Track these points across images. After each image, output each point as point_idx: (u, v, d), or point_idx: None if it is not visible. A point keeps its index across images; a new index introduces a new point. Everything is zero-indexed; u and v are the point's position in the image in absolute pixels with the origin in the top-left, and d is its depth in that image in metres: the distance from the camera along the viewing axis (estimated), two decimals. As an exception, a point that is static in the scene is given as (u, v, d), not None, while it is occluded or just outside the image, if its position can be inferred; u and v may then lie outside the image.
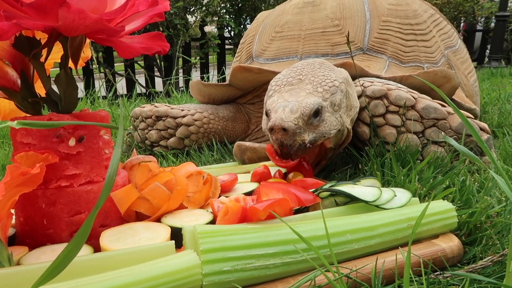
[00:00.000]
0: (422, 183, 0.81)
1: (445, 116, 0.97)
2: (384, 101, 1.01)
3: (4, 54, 0.64)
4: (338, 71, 0.98)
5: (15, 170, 0.54)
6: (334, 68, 0.99)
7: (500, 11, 5.02)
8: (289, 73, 0.97)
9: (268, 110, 0.89)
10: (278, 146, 0.84)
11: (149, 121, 1.34)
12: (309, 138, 0.84)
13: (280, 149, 0.85)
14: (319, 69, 0.95)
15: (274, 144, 0.85)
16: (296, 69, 0.98)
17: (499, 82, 3.12)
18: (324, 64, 0.98)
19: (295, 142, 0.82)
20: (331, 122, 0.88)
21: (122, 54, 0.60)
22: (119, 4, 0.57)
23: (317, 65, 0.97)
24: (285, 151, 0.84)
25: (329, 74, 0.94)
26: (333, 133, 0.89)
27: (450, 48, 1.40)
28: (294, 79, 0.94)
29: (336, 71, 0.97)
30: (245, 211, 0.62)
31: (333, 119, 0.89)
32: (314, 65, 0.97)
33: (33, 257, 0.56)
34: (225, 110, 1.39)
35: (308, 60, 1.01)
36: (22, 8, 0.51)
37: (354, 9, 1.30)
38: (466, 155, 0.50)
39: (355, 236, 0.59)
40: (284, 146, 0.83)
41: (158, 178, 0.72)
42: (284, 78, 0.96)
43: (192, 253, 0.51)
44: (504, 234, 0.67)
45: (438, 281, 0.56)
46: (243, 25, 4.15)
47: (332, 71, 0.96)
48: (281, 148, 0.85)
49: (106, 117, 0.68)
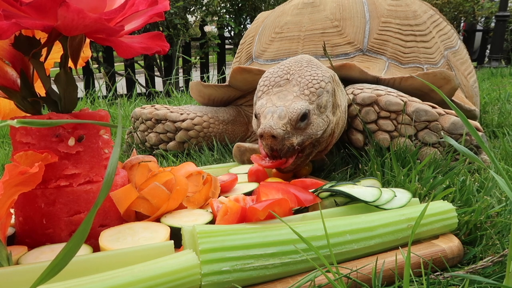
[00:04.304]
0: (422, 183, 0.81)
1: (436, 117, 0.98)
2: (374, 107, 1.02)
3: (4, 53, 0.64)
4: (325, 69, 0.99)
5: (14, 169, 0.54)
6: (321, 65, 0.99)
7: (500, 11, 5.03)
8: (277, 71, 0.98)
9: (257, 114, 0.92)
10: (268, 150, 0.89)
11: (149, 123, 1.33)
12: (297, 141, 0.88)
13: (270, 152, 0.90)
14: (306, 68, 0.96)
15: (265, 148, 0.90)
16: (283, 67, 0.99)
17: (499, 82, 3.12)
18: (311, 61, 0.99)
19: (284, 146, 0.87)
20: (318, 124, 0.92)
21: (121, 54, 0.60)
22: (119, 3, 0.57)
23: (304, 63, 0.98)
24: (275, 154, 0.89)
25: (315, 73, 0.95)
26: (320, 134, 0.92)
27: (450, 49, 1.40)
28: (281, 79, 0.96)
29: (323, 69, 0.97)
30: (245, 211, 0.62)
31: (319, 121, 0.92)
32: (301, 63, 0.98)
33: (32, 256, 0.56)
34: (225, 113, 1.39)
35: (296, 57, 1.02)
36: (22, 8, 0.51)
37: (353, 10, 1.30)
38: (466, 154, 0.50)
39: (354, 236, 0.59)
40: (274, 150, 0.88)
41: (157, 178, 0.72)
42: (272, 77, 0.97)
43: (191, 253, 0.51)
44: (504, 234, 0.67)
45: (438, 282, 0.56)
46: (243, 25, 4.15)
47: (319, 69, 0.97)
48: (271, 152, 0.89)
49: (105, 116, 0.68)
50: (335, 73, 1.03)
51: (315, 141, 0.93)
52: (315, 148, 0.95)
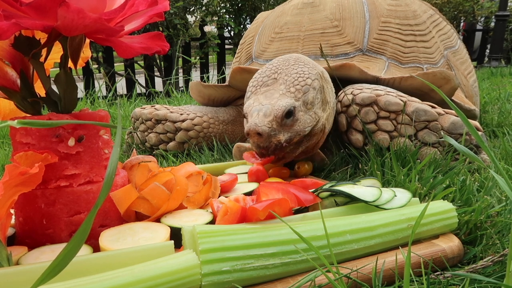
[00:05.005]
0: (422, 183, 0.81)
1: (435, 117, 0.98)
2: (374, 107, 1.02)
3: (4, 54, 0.64)
4: (313, 66, 0.99)
5: (14, 170, 0.54)
6: (308, 62, 1.00)
7: (500, 11, 5.02)
8: (265, 71, 1.00)
9: (245, 113, 0.94)
10: (256, 148, 0.91)
11: (149, 123, 1.33)
12: (285, 138, 0.89)
13: (258, 150, 0.91)
14: (293, 66, 0.97)
15: (253, 146, 0.92)
16: (272, 66, 1.00)
17: (499, 81, 3.12)
18: (299, 59, 1.00)
19: (271, 143, 0.88)
20: (305, 120, 0.92)
21: (121, 54, 0.60)
22: (119, 3, 0.57)
23: (292, 61, 0.99)
24: (263, 152, 0.91)
25: (302, 71, 0.96)
26: (308, 130, 0.93)
27: (450, 48, 1.40)
28: (269, 79, 0.97)
29: (310, 66, 0.98)
30: (245, 211, 0.62)
31: (307, 117, 0.93)
32: (289, 61, 0.99)
33: (32, 257, 0.56)
34: (225, 114, 1.39)
35: (284, 56, 1.03)
36: (22, 8, 0.51)
37: (353, 10, 1.30)
38: (466, 154, 0.50)
39: (354, 236, 0.59)
40: (261, 148, 0.90)
41: (157, 178, 0.72)
42: (260, 78, 0.99)
43: (191, 253, 0.51)
44: (505, 233, 0.67)
45: (439, 281, 0.56)
46: (243, 25, 4.15)
47: (306, 66, 0.97)
48: (259, 149, 0.91)
49: (105, 117, 0.68)
50: (323, 70, 1.04)
51: (304, 137, 0.94)
52: (305, 139, 0.95)
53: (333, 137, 1.12)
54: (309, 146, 0.98)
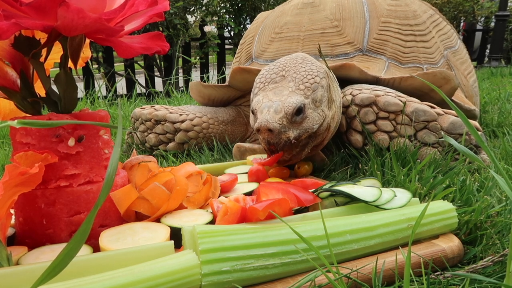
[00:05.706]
0: (422, 183, 0.81)
1: (435, 117, 0.98)
2: (373, 108, 1.02)
3: (4, 54, 0.64)
4: (320, 64, 1.00)
5: (14, 170, 0.54)
6: (315, 61, 1.01)
7: (500, 11, 5.03)
8: (273, 68, 1.00)
9: (254, 110, 0.94)
10: (265, 144, 0.91)
11: (149, 124, 1.33)
12: (294, 135, 0.90)
13: (267, 146, 0.92)
14: (301, 64, 0.98)
15: (262, 142, 0.92)
16: (279, 64, 1.01)
17: (499, 81, 3.12)
18: (306, 58, 1.01)
19: (281, 140, 0.89)
20: (313, 118, 0.93)
21: (121, 54, 0.60)
22: (119, 3, 0.57)
23: (299, 59, 1.00)
24: (273, 148, 0.91)
25: (310, 69, 0.97)
26: (316, 128, 0.94)
27: (450, 48, 1.40)
28: (277, 76, 0.98)
29: (317, 65, 0.99)
30: (245, 211, 0.62)
31: (315, 115, 0.94)
32: (296, 60, 1.00)
33: (32, 257, 0.56)
34: (225, 114, 1.38)
35: (291, 55, 1.04)
36: (21, 8, 0.51)
37: (353, 10, 1.30)
38: (466, 154, 0.50)
39: (355, 236, 0.59)
40: (271, 144, 0.90)
41: (157, 178, 0.72)
42: (268, 75, 0.99)
43: (191, 253, 0.51)
44: (505, 233, 0.67)
45: (439, 281, 0.56)
46: (243, 25, 4.15)
47: (314, 65, 0.99)
48: (268, 146, 0.91)
49: (105, 117, 0.68)
50: (328, 69, 1.05)
51: (312, 134, 0.95)
52: (311, 139, 0.96)
53: (333, 137, 1.12)
54: (315, 144, 0.99)
